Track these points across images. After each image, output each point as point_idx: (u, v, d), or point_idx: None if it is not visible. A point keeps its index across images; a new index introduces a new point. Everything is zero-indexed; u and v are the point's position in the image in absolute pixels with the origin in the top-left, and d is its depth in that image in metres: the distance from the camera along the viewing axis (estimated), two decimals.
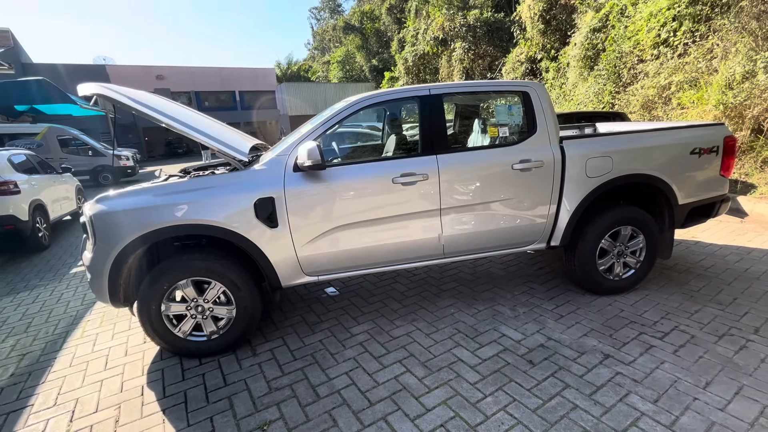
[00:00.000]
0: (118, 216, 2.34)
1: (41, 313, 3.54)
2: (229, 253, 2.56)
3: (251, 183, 2.48)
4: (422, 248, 2.77)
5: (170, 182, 2.53)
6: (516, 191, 2.80)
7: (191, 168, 3.42)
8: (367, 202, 2.62)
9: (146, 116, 2.39)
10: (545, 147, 2.82)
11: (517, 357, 2.42)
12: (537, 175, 2.80)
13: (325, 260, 2.64)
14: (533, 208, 2.86)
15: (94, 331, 3.11)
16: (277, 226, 2.48)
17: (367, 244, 2.66)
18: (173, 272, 2.43)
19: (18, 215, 5.20)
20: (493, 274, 3.69)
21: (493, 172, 2.76)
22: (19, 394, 2.37)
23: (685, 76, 7.55)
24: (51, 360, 2.73)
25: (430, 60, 21.39)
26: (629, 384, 2.12)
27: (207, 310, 2.54)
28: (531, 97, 2.85)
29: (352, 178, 2.60)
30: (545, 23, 12.89)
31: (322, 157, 2.33)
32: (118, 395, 2.30)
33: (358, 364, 2.45)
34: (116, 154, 13.57)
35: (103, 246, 2.35)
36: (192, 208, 2.37)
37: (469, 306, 3.10)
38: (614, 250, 3.03)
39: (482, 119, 3.48)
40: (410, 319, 2.96)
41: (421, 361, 2.44)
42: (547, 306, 3.03)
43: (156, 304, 2.44)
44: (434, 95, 2.74)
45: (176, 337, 2.53)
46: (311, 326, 2.96)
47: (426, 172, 2.64)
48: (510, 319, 2.87)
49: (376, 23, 31.60)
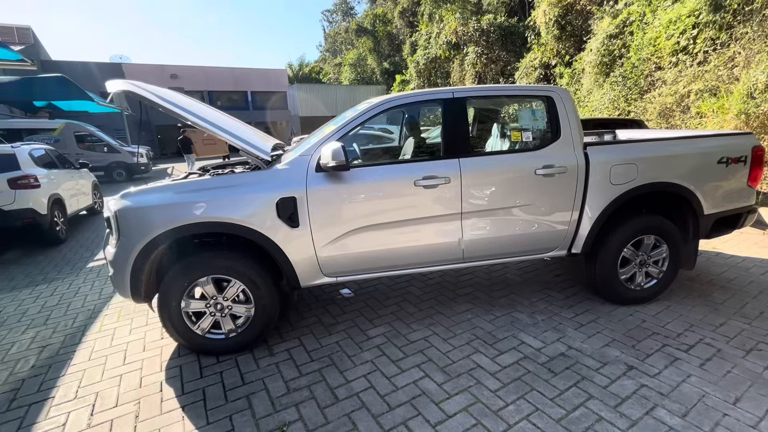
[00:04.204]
0: (143, 212, 2.36)
1: (59, 306, 3.58)
2: (249, 251, 2.56)
3: (274, 182, 2.48)
4: (442, 252, 2.75)
5: (193, 180, 2.54)
6: (538, 197, 2.77)
7: (210, 166, 3.44)
8: (389, 204, 2.61)
9: (173, 114, 2.41)
10: (569, 153, 2.79)
11: (537, 365, 2.38)
12: (560, 181, 2.77)
13: (345, 261, 2.63)
14: (555, 215, 2.82)
15: (111, 325, 3.13)
16: (298, 225, 2.48)
17: (387, 246, 2.65)
18: (194, 269, 2.44)
19: (37, 209, 5.27)
20: (510, 281, 3.64)
21: (516, 177, 2.73)
22: (40, 386, 2.39)
23: (705, 84, 7.44)
24: (70, 353, 2.76)
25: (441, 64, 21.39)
26: (655, 397, 2.07)
27: (226, 308, 2.54)
28: (555, 103, 2.82)
29: (374, 179, 2.59)
30: (560, 29, 12.81)
31: (346, 158, 2.32)
32: (137, 390, 2.30)
33: (375, 367, 2.43)
34: (130, 151, 13.75)
35: (127, 242, 2.36)
36: (215, 206, 2.38)
37: (486, 312, 3.06)
38: (636, 260, 2.98)
39: (501, 123, 3.45)
40: (427, 323, 2.93)
41: (439, 367, 2.41)
42: (567, 314, 2.98)
43: (176, 300, 2.45)
44: (458, 98, 2.72)
45: (195, 334, 2.54)
46: (327, 327, 2.94)
47: (448, 176, 2.62)
48: (529, 327, 2.82)
49: (389, 26, 31.70)
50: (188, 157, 13.27)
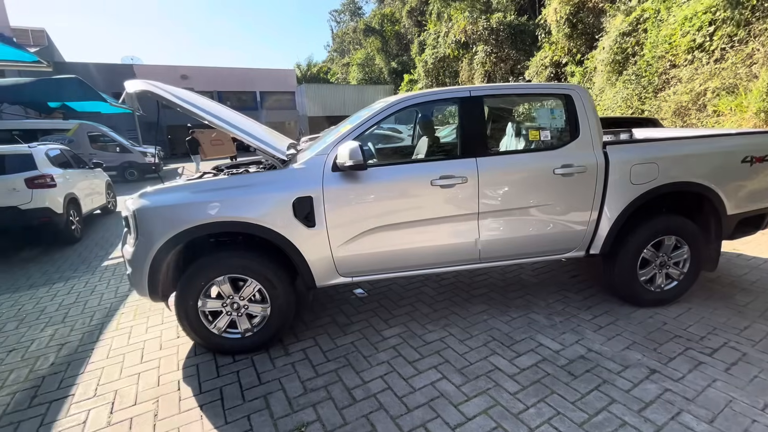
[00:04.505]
0: (162, 211, 2.37)
1: (77, 304, 3.62)
2: (265, 251, 2.56)
3: (290, 182, 2.47)
4: (458, 252, 2.72)
5: (210, 179, 2.54)
6: (557, 197, 2.72)
7: (224, 166, 3.45)
8: (405, 204, 2.59)
9: (191, 113, 2.41)
10: (588, 152, 2.74)
11: (557, 368, 2.34)
12: (579, 180, 2.72)
13: (361, 261, 2.61)
14: (574, 215, 2.78)
15: (128, 323, 3.16)
16: (314, 225, 2.47)
17: (403, 246, 2.63)
18: (211, 268, 2.44)
19: (53, 208, 5.35)
20: (525, 281, 3.60)
21: (534, 176, 2.69)
22: (60, 384, 2.42)
23: (723, 82, 7.29)
24: (89, 351, 2.78)
25: (450, 63, 21.30)
26: (680, 402, 2.02)
27: (242, 308, 2.54)
28: (574, 101, 2.77)
29: (391, 179, 2.57)
30: (571, 27, 12.67)
31: (363, 157, 2.30)
32: (156, 389, 2.32)
33: (392, 368, 2.41)
34: (142, 151, 13.90)
35: (145, 240, 2.37)
36: (232, 205, 2.38)
37: (502, 313, 3.03)
38: (656, 261, 2.92)
39: (518, 122, 3.41)
40: (442, 324, 2.91)
41: (457, 368, 2.38)
42: (585, 316, 2.93)
43: (193, 299, 2.46)
44: (475, 97, 2.69)
45: (211, 333, 2.54)
46: (342, 327, 2.93)
47: (465, 175, 2.59)
48: (546, 328, 2.78)
49: (397, 26, 31.65)
50: (195, 158, 13.23)
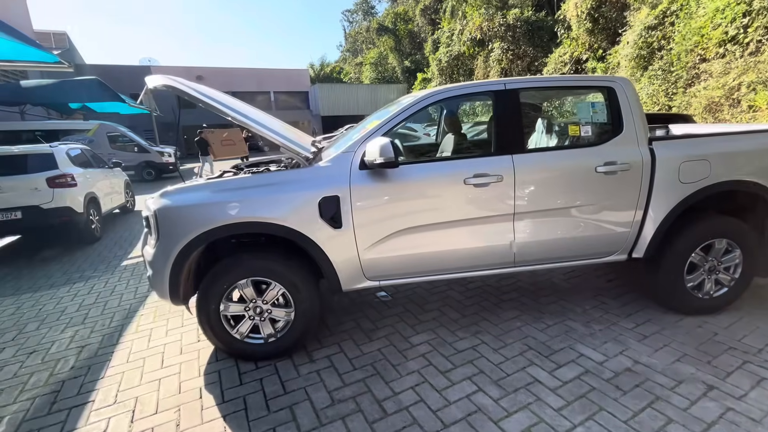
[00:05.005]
0: (183, 211, 2.28)
1: (97, 304, 3.58)
2: (289, 253, 2.45)
3: (316, 180, 2.35)
4: (492, 255, 2.56)
5: (233, 178, 2.44)
6: (598, 196, 2.54)
7: (243, 164, 3.36)
8: (437, 204, 2.44)
9: (213, 109, 2.31)
10: (633, 148, 2.55)
11: (602, 381, 2.17)
12: (623, 179, 2.53)
13: (389, 264, 2.48)
14: (617, 216, 2.59)
15: (148, 326, 3.09)
16: (341, 226, 2.34)
17: (433, 248, 2.49)
18: (234, 271, 2.34)
19: (74, 207, 5.37)
20: (557, 285, 3.41)
21: (575, 174, 2.51)
22: (79, 389, 2.35)
23: (759, 75, 6.93)
24: (108, 354, 2.72)
25: (464, 61, 21.01)
26: (746, 423, 1.83)
27: (265, 312, 2.43)
28: (617, 93, 2.58)
29: (421, 177, 2.43)
30: (593, 21, 12.31)
31: (395, 154, 2.16)
32: (177, 397, 2.22)
33: (423, 378, 2.27)
34: (159, 151, 14.04)
35: (166, 242, 2.28)
36: (256, 205, 2.27)
37: (536, 320, 2.85)
38: (705, 266, 2.71)
39: (556, 117, 3.22)
40: (473, 331, 2.75)
41: (493, 380, 2.22)
42: (626, 324, 2.74)
43: (215, 303, 2.36)
44: (510, 90, 2.52)
45: (233, 338, 2.44)
46: (367, 333, 2.80)
47: (500, 173, 2.43)
48: (586, 337, 2.60)
49: (410, 24, 31.44)
50: (204, 159, 12.91)
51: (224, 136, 13.73)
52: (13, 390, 2.38)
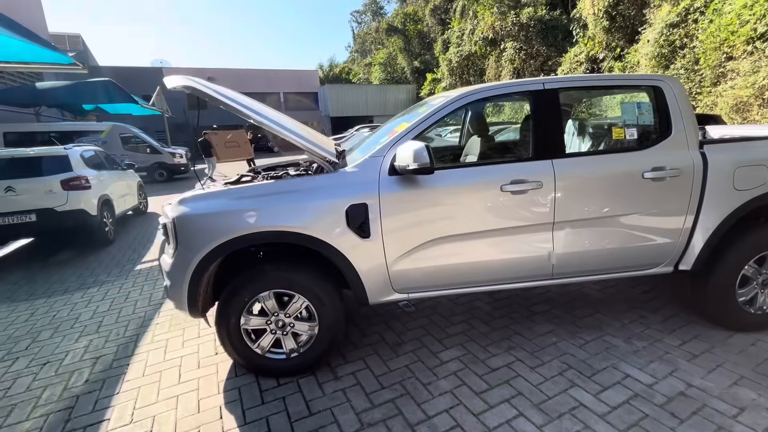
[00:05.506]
0: (204, 219, 2.15)
1: (111, 312, 3.48)
2: (313, 263, 2.31)
3: (343, 187, 2.21)
4: (529, 267, 2.39)
5: (255, 184, 2.31)
6: (644, 204, 2.36)
7: (260, 168, 3.24)
8: (471, 212, 2.28)
9: (235, 111, 2.19)
10: (682, 152, 2.36)
11: (654, 407, 1.99)
12: (671, 185, 2.35)
13: (419, 276, 2.33)
14: (664, 225, 2.40)
15: (163, 336, 2.98)
16: (368, 236, 2.20)
17: (466, 259, 2.33)
18: (256, 283, 2.21)
19: (88, 210, 5.31)
20: (590, 297, 3.22)
21: (620, 180, 2.33)
22: (94, 405, 2.23)
23: None
24: (124, 366, 2.61)
25: (475, 61, 20.79)
26: None
27: (288, 326, 2.30)
28: (665, 93, 2.40)
29: (454, 183, 2.27)
30: (610, 19, 12.02)
31: (431, 159, 2.01)
32: (196, 416, 2.09)
33: (458, 400, 2.11)
34: (171, 152, 14.06)
35: (185, 252, 2.16)
36: (281, 213, 2.14)
37: (572, 335, 2.68)
38: (759, 279, 2.51)
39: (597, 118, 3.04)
40: (506, 346, 2.58)
41: (533, 403, 2.06)
42: (671, 341, 2.55)
43: (236, 316, 2.23)
44: (549, 90, 2.36)
45: (254, 353, 2.31)
46: (393, 348, 2.65)
47: (539, 179, 2.27)
48: (629, 355, 2.42)
49: (419, 25, 31.25)
50: (209, 161, 12.76)
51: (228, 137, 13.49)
52: (26, 405, 2.28)
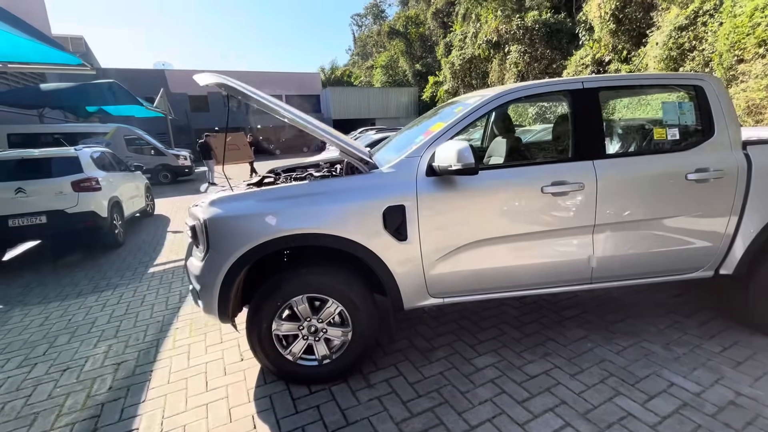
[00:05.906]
0: (237, 221, 2.08)
1: (128, 316, 3.40)
2: (346, 267, 2.24)
3: (380, 188, 2.14)
4: (568, 271, 2.33)
5: (290, 186, 2.24)
6: (687, 207, 2.30)
7: (280, 169, 3.17)
8: (511, 214, 2.22)
9: (269, 110, 2.13)
10: (726, 153, 2.30)
11: (706, 417, 1.92)
12: (714, 187, 2.29)
13: (457, 280, 2.26)
14: (705, 229, 2.34)
15: (185, 341, 2.90)
16: (405, 238, 2.13)
17: (504, 263, 2.26)
18: (290, 287, 2.13)
19: (98, 212, 5.23)
20: (620, 300, 3.15)
21: (662, 182, 2.27)
22: (121, 414, 2.15)
23: None
24: (147, 373, 2.53)
25: (478, 64, 20.80)
26: None
27: (320, 331, 2.22)
28: (707, 93, 2.34)
29: (494, 184, 2.21)
30: (617, 22, 12.01)
31: (474, 159, 1.95)
32: (228, 426, 2.02)
33: (500, 409, 2.04)
34: (175, 154, 14.00)
35: (217, 255, 2.09)
36: (318, 215, 2.07)
37: (607, 340, 2.61)
38: None
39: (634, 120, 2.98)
40: (541, 353, 2.51)
41: (579, 413, 1.98)
42: (711, 347, 2.48)
43: (268, 321, 2.16)
44: (589, 89, 2.30)
45: (285, 359, 2.23)
46: (425, 354, 2.58)
47: (581, 181, 2.20)
48: (670, 362, 2.35)
49: (421, 28, 31.30)
50: (208, 164, 12.56)
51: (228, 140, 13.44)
52: (49, 414, 2.20)
